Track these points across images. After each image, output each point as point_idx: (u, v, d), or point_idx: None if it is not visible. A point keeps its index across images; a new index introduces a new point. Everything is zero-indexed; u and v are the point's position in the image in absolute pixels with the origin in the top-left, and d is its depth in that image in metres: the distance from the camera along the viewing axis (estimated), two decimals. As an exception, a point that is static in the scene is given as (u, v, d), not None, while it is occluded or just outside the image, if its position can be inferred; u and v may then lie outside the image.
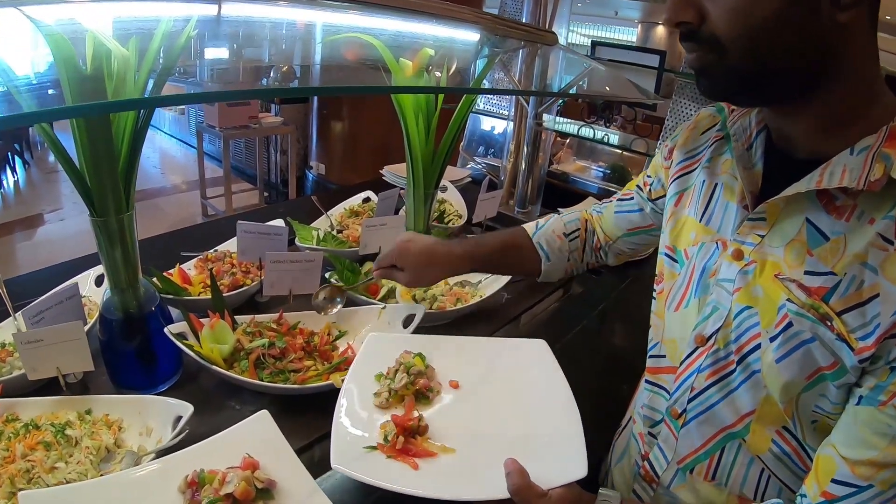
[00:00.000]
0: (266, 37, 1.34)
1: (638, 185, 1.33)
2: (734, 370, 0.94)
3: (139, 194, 1.22)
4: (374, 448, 1.06)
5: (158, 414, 1.17)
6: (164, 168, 8.81)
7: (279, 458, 1.05)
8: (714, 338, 0.96)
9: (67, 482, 1.03)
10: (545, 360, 1.27)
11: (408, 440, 1.06)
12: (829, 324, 0.80)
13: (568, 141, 4.08)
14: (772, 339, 0.87)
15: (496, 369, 1.28)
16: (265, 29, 1.31)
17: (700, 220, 1.04)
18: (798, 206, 0.86)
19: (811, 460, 0.88)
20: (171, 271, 1.65)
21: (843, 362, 0.80)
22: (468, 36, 1.77)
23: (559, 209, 2.56)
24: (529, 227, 1.49)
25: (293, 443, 1.13)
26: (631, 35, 10.13)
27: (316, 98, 4.32)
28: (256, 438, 1.07)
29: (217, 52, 1.29)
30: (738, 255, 0.93)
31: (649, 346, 1.17)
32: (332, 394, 1.23)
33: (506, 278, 1.81)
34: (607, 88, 2.47)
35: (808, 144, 0.87)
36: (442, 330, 1.64)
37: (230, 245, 1.85)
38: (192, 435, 1.11)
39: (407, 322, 1.48)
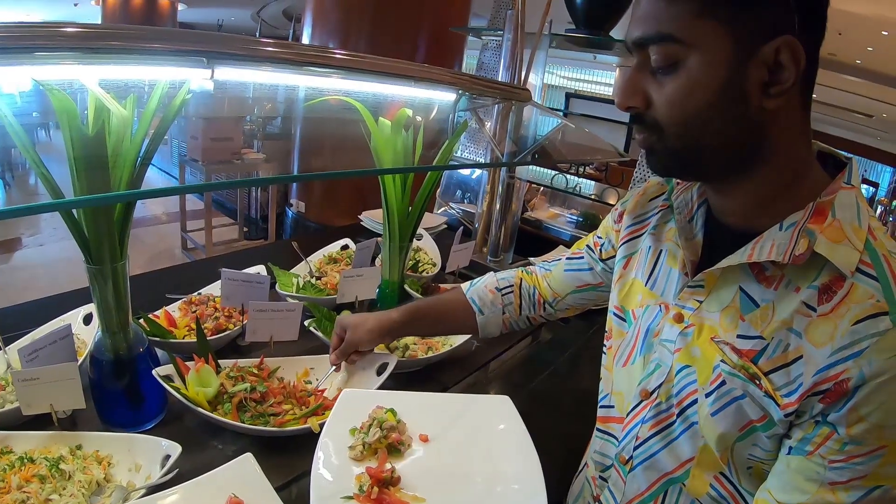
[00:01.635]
0: (251, 89, 1.41)
1: (588, 246, 1.40)
2: (674, 422, 1.00)
3: None
4: (350, 498, 1.11)
5: (147, 452, 1.22)
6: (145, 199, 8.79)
7: (262, 499, 1.11)
8: (657, 392, 1.03)
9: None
10: (507, 414, 1.32)
11: (382, 490, 1.11)
12: (758, 382, 0.87)
13: (542, 189, 4.17)
14: (707, 395, 0.93)
15: (463, 423, 1.32)
16: (251, 89, 1.37)
17: (646, 284, 1.11)
18: (733, 275, 0.93)
19: (746, 503, 0.96)
20: (157, 313, 1.71)
21: (772, 416, 0.86)
22: (445, 95, 1.85)
23: (530, 258, 2.65)
24: (464, 285, 1.57)
25: (273, 482, 1.18)
26: (609, 78, 10.31)
27: (298, 137, 4.38)
28: (241, 479, 1.14)
29: (205, 97, 1.36)
30: (679, 318, 1.00)
31: (600, 396, 1.24)
32: (308, 436, 1.30)
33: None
34: (577, 144, 2.55)
35: (742, 218, 0.94)
36: (414, 377, 1.72)
37: (213, 288, 1.92)
38: (176, 472, 1.16)
39: (381, 370, 1.54)
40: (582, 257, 1.41)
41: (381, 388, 1.48)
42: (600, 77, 10.58)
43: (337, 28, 4.88)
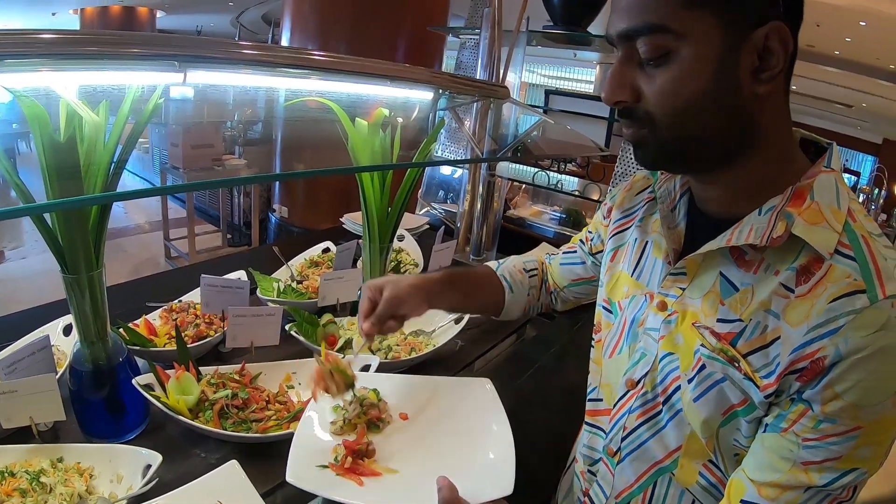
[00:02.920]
0: (231, 93, 1.40)
1: (581, 240, 1.42)
2: (661, 410, 1.01)
3: (109, 233, 1.25)
4: (325, 466, 1.15)
5: (128, 462, 1.21)
6: (127, 207, 8.74)
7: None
8: (643, 381, 1.04)
9: (42, 528, 1.06)
10: (486, 395, 1.34)
11: (356, 461, 1.16)
12: (737, 365, 0.87)
13: (524, 186, 4.16)
14: (689, 381, 0.94)
15: (442, 403, 1.35)
16: (230, 87, 1.36)
17: (632, 275, 1.12)
18: (713, 261, 0.94)
19: None
20: (136, 322, 1.69)
21: (752, 399, 0.86)
22: (424, 94, 1.85)
23: (513, 255, 2.65)
24: (491, 263, 1.54)
25: (257, 488, 1.19)
26: (590, 75, 10.33)
27: (279, 142, 4.37)
28: (227, 486, 1.15)
29: (184, 104, 1.36)
30: (663, 307, 1.01)
31: (589, 389, 1.24)
32: (291, 441, 1.29)
33: (459, 326, 1.87)
34: (558, 140, 2.56)
35: (724, 206, 0.95)
36: None
37: (194, 295, 1.90)
38: (160, 482, 1.16)
39: (363, 371, 1.52)
40: (575, 251, 1.44)
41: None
42: (581, 74, 10.61)
43: (316, 33, 4.86)
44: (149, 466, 1.17)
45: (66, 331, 1.64)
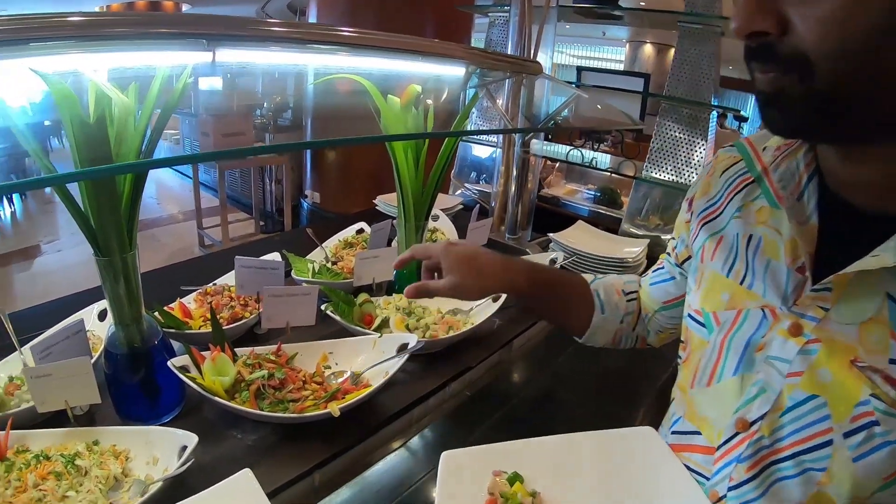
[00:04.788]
0: (260, 80, 1.39)
1: (668, 252, 1.21)
2: (781, 461, 0.82)
3: (141, 224, 1.25)
4: None
5: (164, 444, 1.21)
6: (160, 198, 8.88)
7: None
8: (759, 424, 0.84)
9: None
10: (659, 451, 1.02)
11: None
12: None
13: (557, 165, 4.13)
14: (846, 436, 0.74)
15: (607, 472, 1.01)
16: (259, 73, 1.36)
17: (738, 280, 0.90)
18: (874, 277, 0.72)
19: None
20: (172, 305, 1.69)
21: None
22: (455, 70, 1.82)
23: (549, 234, 2.63)
24: (587, 276, 1.34)
25: (295, 469, 1.19)
26: (619, 54, 10.31)
27: (309, 128, 4.39)
28: (240, 495, 1.06)
29: (214, 94, 1.35)
30: (797, 331, 0.80)
31: (672, 420, 1.05)
32: (329, 421, 1.28)
33: (497, 304, 1.83)
34: (592, 115, 2.53)
35: (878, 196, 0.74)
36: (436, 357, 1.68)
37: (228, 279, 1.90)
38: (197, 463, 1.16)
39: (401, 350, 1.51)
40: (663, 267, 1.23)
41: (401, 370, 1.44)
42: (610, 53, 10.58)
43: (342, 16, 4.89)
44: (185, 448, 1.16)
45: (101, 316, 1.65)
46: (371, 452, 1.37)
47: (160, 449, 1.21)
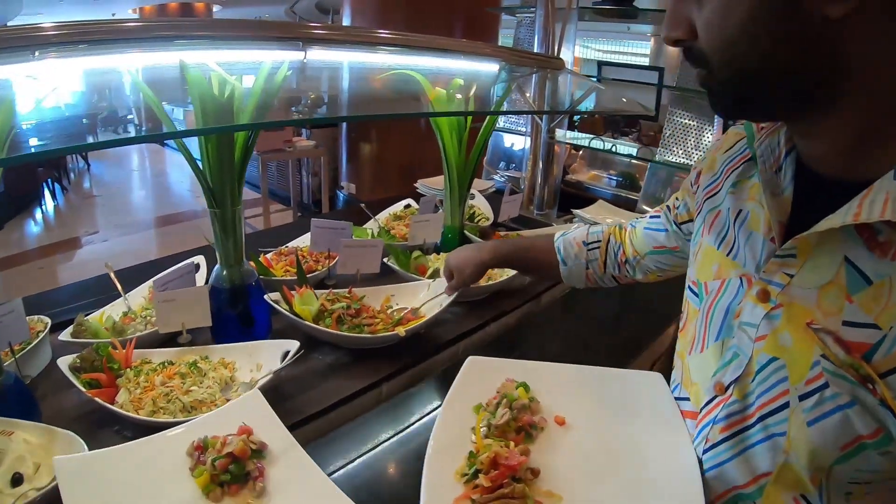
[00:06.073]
0: (295, 84, 1.64)
1: (667, 205, 1.27)
2: (751, 426, 0.83)
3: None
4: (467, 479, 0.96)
5: (267, 353, 1.46)
6: (198, 192, 9.07)
7: (269, 428, 1.16)
8: (732, 387, 0.86)
9: (199, 402, 1.29)
10: (660, 395, 1.10)
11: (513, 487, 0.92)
12: (872, 387, 0.68)
13: (581, 153, 4.38)
14: (802, 398, 0.75)
15: (605, 404, 1.13)
16: (294, 79, 1.61)
17: (725, 252, 0.93)
18: (835, 241, 0.73)
19: None
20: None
21: (889, 430, 0.69)
22: (489, 67, 2.09)
23: (572, 210, 2.91)
24: (557, 233, 1.52)
25: (364, 381, 1.46)
26: (644, 48, 10.27)
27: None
28: (250, 412, 1.18)
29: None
30: (764, 296, 0.82)
31: (672, 387, 1.09)
32: (391, 347, 1.59)
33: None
34: (608, 104, 2.81)
35: (839, 165, 0.76)
36: (478, 304, 1.94)
37: (296, 243, 2.22)
38: (287, 373, 1.42)
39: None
40: (660, 216, 1.30)
41: (450, 311, 1.71)
42: (635, 48, 10.57)
43: (374, 16, 5.10)
44: (287, 352, 1.41)
45: (195, 269, 1.89)
46: (425, 374, 1.63)
47: (263, 357, 1.45)
